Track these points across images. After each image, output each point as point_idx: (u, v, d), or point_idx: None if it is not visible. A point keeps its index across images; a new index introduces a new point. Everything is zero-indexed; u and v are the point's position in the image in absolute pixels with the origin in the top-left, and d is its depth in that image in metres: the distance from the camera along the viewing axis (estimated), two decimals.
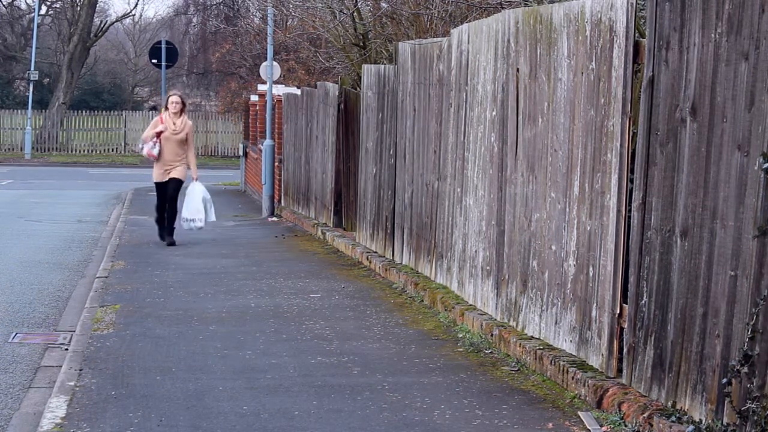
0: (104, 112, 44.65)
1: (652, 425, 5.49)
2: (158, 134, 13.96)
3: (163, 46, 36.66)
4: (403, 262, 10.99)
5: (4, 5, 48.73)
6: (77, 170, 34.91)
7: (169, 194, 14.15)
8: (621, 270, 6.29)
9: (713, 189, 5.30)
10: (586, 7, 6.70)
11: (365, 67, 13.02)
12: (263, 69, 19.59)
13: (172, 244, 14.01)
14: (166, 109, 14.22)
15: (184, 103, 14.38)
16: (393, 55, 11.91)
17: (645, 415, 5.58)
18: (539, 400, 6.42)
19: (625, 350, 6.18)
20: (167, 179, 14.11)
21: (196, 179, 14.25)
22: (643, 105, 5.98)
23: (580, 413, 6.04)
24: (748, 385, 4.87)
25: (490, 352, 7.66)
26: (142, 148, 14.19)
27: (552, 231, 7.19)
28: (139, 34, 55.24)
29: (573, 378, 6.50)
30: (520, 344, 7.33)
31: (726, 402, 5.04)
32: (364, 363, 7.32)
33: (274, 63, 19.30)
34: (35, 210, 19.93)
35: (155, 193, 14.33)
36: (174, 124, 14.02)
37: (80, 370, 7.05)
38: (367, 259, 11.97)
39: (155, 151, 13.99)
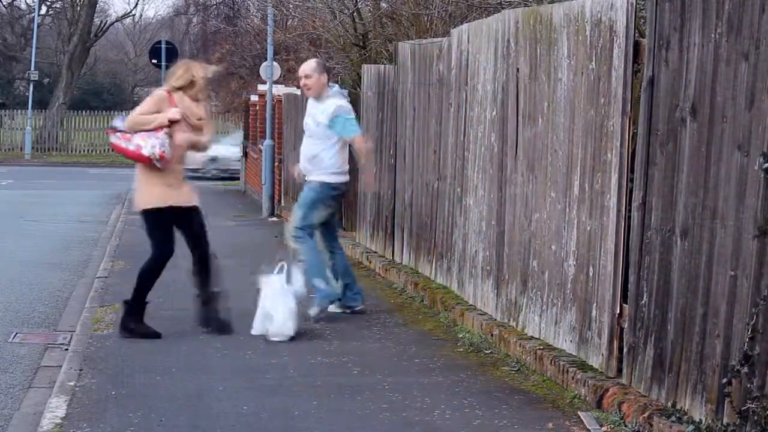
0: (104, 112, 44.65)
1: (652, 425, 5.49)
2: (170, 123, 7.95)
3: (163, 46, 36.63)
4: (403, 262, 10.99)
5: (4, 5, 48.76)
6: (77, 170, 34.88)
7: (195, 231, 8.15)
8: (621, 270, 6.29)
9: (713, 189, 5.29)
10: (586, 7, 6.70)
11: (365, 67, 13.02)
12: (263, 69, 19.59)
13: (224, 328, 8.11)
14: (178, 89, 8.05)
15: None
16: (393, 55, 11.90)
17: (645, 415, 5.58)
18: (539, 400, 6.42)
19: (625, 350, 6.18)
20: (190, 204, 8.14)
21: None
22: (643, 105, 5.98)
23: (580, 413, 6.04)
24: (748, 385, 4.87)
25: (490, 352, 7.65)
26: (138, 145, 7.98)
27: (552, 231, 7.19)
28: (139, 34, 55.34)
29: (573, 378, 6.50)
30: (520, 344, 7.33)
31: (726, 402, 5.04)
32: (364, 363, 7.32)
33: (274, 63, 19.31)
34: (35, 210, 19.92)
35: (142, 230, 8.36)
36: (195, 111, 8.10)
37: (80, 370, 7.04)
38: (367, 259, 11.96)
39: (167, 152, 7.93)
